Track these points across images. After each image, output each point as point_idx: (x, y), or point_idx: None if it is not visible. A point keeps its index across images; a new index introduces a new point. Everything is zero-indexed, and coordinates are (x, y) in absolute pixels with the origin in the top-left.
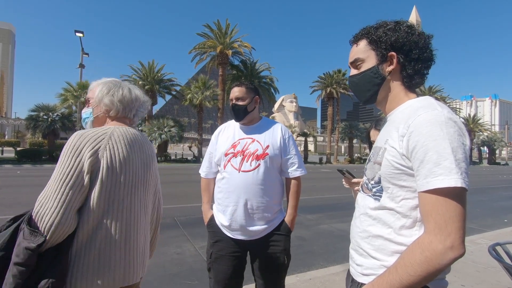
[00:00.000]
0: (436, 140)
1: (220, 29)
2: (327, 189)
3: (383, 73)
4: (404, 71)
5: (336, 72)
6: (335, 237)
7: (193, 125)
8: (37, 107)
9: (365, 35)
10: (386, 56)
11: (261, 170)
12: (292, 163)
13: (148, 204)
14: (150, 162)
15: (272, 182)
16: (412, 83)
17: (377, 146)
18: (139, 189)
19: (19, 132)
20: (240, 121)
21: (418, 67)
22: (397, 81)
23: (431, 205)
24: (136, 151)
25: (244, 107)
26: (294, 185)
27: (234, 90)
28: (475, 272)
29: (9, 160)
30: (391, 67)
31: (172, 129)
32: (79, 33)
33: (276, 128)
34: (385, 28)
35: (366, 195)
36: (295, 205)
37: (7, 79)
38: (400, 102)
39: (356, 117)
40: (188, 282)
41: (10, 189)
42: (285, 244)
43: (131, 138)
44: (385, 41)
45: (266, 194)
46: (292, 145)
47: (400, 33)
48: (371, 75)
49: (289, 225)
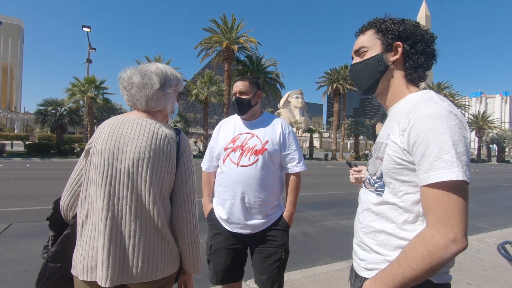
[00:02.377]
0: (437, 133)
1: (226, 24)
2: (333, 185)
3: (387, 61)
4: (407, 63)
5: (342, 67)
6: (340, 233)
7: (199, 120)
8: (45, 102)
9: (373, 24)
10: (392, 46)
11: (259, 165)
12: (292, 158)
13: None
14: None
15: (271, 177)
16: (414, 76)
17: (379, 141)
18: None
19: (28, 126)
20: (243, 115)
21: (421, 61)
22: (400, 72)
23: (433, 199)
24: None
25: (247, 101)
26: (293, 180)
27: (237, 84)
28: (482, 271)
29: (19, 154)
30: (395, 56)
31: (178, 124)
32: (86, 28)
33: (276, 123)
34: (393, 20)
35: (369, 191)
36: (294, 201)
37: (16, 74)
38: (401, 96)
39: (362, 114)
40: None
41: (20, 182)
42: (282, 239)
43: (114, 122)
44: (393, 30)
45: (264, 189)
46: (293, 141)
47: (408, 25)
48: (374, 62)
49: (287, 220)
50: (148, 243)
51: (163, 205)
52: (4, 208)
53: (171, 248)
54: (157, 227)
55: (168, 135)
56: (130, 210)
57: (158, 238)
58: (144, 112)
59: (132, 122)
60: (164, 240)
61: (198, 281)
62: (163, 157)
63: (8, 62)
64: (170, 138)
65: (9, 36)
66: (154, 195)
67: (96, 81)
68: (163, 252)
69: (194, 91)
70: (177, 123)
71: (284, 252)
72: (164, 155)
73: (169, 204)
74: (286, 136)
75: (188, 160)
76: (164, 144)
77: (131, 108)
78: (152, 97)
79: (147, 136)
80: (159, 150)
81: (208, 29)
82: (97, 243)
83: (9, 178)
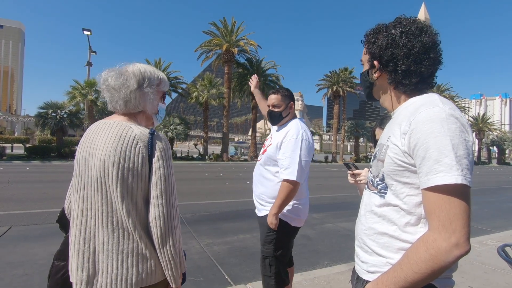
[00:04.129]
0: (437, 137)
1: (226, 27)
2: (333, 188)
3: (371, 78)
4: (390, 79)
5: (342, 70)
6: (340, 236)
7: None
8: (46, 105)
9: (365, 37)
10: (373, 63)
11: (261, 162)
12: (282, 165)
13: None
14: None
15: (268, 177)
16: (400, 91)
17: (381, 143)
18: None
19: (28, 129)
20: (275, 125)
21: (397, 78)
22: (389, 86)
23: (434, 203)
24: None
25: (279, 113)
26: (280, 185)
27: (271, 97)
28: (483, 274)
29: (19, 157)
30: (375, 74)
31: (178, 127)
32: (87, 31)
33: (285, 130)
34: (379, 35)
35: (372, 192)
36: (276, 204)
37: (17, 77)
38: (401, 102)
39: (362, 116)
40: (193, 279)
41: (20, 185)
42: (261, 233)
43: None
44: (371, 49)
45: (263, 185)
46: (288, 148)
47: (383, 43)
48: (363, 78)
49: (268, 220)
50: (122, 249)
51: (136, 209)
52: (4, 211)
53: (148, 256)
54: (131, 233)
55: (138, 136)
56: (102, 215)
57: (132, 245)
58: (123, 115)
59: (105, 127)
60: (137, 247)
61: (198, 284)
62: (130, 160)
63: (9, 65)
64: (139, 139)
65: (10, 39)
66: (124, 199)
67: (96, 84)
68: (140, 260)
69: (195, 94)
70: (177, 125)
71: (263, 247)
72: (131, 157)
73: (144, 208)
74: (283, 143)
75: (162, 160)
76: (132, 145)
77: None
78: (129, 98)
79: (114, 139)
80: (126, 152)
81: (208, 32)
82: (73, 247)
83: (9, 181)
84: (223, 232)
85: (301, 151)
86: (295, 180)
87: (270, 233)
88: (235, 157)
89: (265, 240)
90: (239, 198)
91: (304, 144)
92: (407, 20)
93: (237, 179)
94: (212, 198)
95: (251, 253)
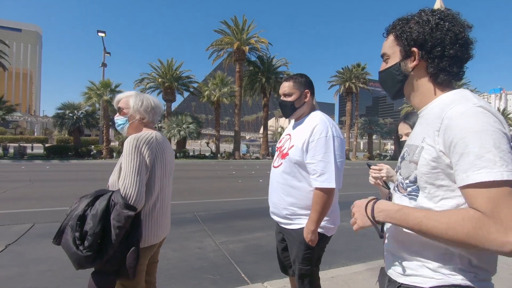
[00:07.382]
0: (476, 131)
1: (237, 25)
2: (347, 185)
3: (406, 69)
4: (429, 68)
5: (355, 66)
6: (356, 235)
7: (211, 121)
8: (63, 106)
9: (392, 29)
10: (410, 52)
11: (281, 169)
12: (314, 170)
13: (171, 186)
14: (173, 156)
15: (295, 184)
16: (439, 81)
17: (413, 144)
18: (171, 176)
19: (47, 129)
20: (288, 118)
21: (442, 65)
22: (424, 77)
23: (490, 199)
24: (168, 149)
25: (290, 103)
26: (314, 195)
27: (282, 85)
28: (509, 275)
29: (39, 156)
30: (414, 63)
31: (191, 125)
32: (101, 33)
33: (309, 127)
34: (411, 23)
35: (402, 195)
36: (313, 218)
37: (35, 79)
38: (431, 98)
39: (375, 113)
40: (210, 277)
41: (41, 183)
42: (296, 250)
43: (164, 139)
44: (408, 36)
45: (289, 194)
46: (319, 149)
47: (425, 28)
48: (394, 72)
49: (304, 235)
50: None
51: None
52: (27, 209)
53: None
54: None
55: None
56: None
57: None
58: None
59: None
60: None
61: (216, 282)
62: None
63: (27, 68)
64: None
65: (28, 42)
66: None
67: (111, 84)
68: None
69: (206, 93)
70: (189, 124)
71: (298, 262)
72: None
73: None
74: (311, 143)
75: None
76: None
77: None
78: None
79: None
80: None
81: (219, 31)
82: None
83: (31, 180)
84: (238, 230)
85: (334, 151)
86: (333, 188)
87: (308, 251)
88: (246, 155)
89: (303, 258)
90: (253, 197)
91: (337, 142)
92: (435, 10)
93: (249, 177)
94: (226, 196)
95: (267, 252)
